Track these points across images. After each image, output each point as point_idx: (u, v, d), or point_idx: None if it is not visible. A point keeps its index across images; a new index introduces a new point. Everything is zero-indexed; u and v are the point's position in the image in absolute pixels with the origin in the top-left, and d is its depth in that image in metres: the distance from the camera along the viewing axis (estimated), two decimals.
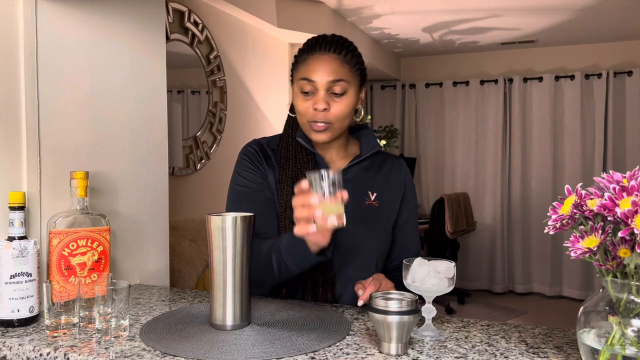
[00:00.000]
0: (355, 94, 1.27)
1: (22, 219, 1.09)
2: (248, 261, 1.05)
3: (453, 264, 1.02)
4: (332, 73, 1.23)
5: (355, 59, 1.28)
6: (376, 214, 1.32)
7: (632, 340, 0.74)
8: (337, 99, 1.24)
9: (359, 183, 1.33)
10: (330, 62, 1.24)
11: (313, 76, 1.23)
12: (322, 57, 1.25)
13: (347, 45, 1.28)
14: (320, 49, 1.26)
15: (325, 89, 1.23)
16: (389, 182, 1.37)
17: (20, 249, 1.07)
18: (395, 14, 4.35)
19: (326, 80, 1.23)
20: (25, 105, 1.20)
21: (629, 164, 5.15)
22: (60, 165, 1.27)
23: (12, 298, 1.07)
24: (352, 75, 1.26)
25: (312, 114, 1.24)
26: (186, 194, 3.09)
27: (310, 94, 1.25)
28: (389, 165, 1.39)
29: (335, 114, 1.24)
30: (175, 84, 2.99)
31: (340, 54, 1.25)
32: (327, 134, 1.26)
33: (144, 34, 1.54)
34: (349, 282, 1.28)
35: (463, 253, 5.56)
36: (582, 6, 4.10)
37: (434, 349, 0.94)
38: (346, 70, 1.24)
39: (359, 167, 1.35)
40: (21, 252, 1.07)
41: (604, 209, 0.74)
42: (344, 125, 1.28)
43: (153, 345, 0.95)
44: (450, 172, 5.83)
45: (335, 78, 1.23)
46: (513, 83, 5.58)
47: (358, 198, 1.31)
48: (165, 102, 1.63)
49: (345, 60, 1.25)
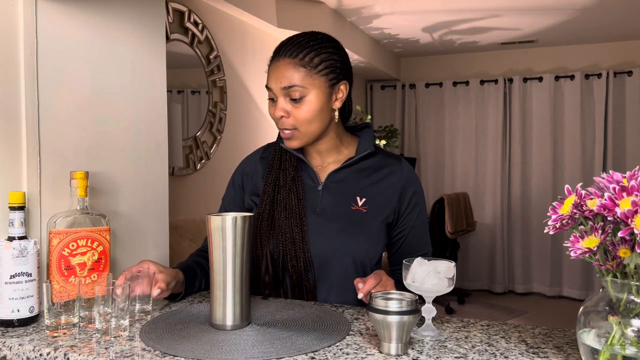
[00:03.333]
0: (320, 97, 1.21)
1: (22, 219, 1.09)
2: (248, 261, 1.05)
3: (453, 264, 1.02)
4: (283, 79, 1.20)
5: (317, 59, 1.21)
6: (363, 220, 1.27)
7: (632, 340, 0.74)
8: (295, 105, 1.21)
9: (348, 187, 1.30)
10: (283, 67, 1.20)
11: (269, 83, 1.23)
12: (277, 64, 1.22)
13: (309, 44, 1.22)
14: (277, 54, 1.24)
15: (282, 96, 1.21)
16: (381, 186, 1.31)
17: (20, 249, 1.07)
18: (395, 14, 4.35)
19: (279, 87, 1.20)
20: (25, 105, 1.20)
21: (629, 164, 5.15)
22: (60, 165, 1.27)
23: (12, 298, 1.07)
24: (310, 77, 1.20)
25: (277, 121, 1.25)
26: (186, 194, 3.09)
27: (274, 101, 1.24)
28: (388, 169, 1.33)
29: (296, 119, 1.21)
30: (175, 84, 2.99)
31: (295, 57, 1.20)
32: (295, 140, 1.25)
33: (144, 34, 1.54)
34: (332, 287, 1.27)
35: (463, 253, 5.56)
36: (582, 6, 4.10)
37: (434, 349, 0.94)
38: (301, 75, 1.19)
39: (351, 170, 1.31)
40: (21, 252, 1.07)
41: (604, 209, 0.74)
42: (313, 129, 1.24)
43: (153, 345, 0.95)
44: (450, 172, 5.83)
45: (287, 85, 1.20)
46: (513, 83, 5.58)
47: (345, 203, 1.28)
48: (165, 102, 1.63)
49: (302, 63, 1.20)
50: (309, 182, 1.31)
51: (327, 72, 1.22)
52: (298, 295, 1.27)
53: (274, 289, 1.29)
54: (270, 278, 1.27)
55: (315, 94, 1.21)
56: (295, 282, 1.26)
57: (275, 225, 1.28)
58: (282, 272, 1.27)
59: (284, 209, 1.27)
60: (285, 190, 1.29)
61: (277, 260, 1.27)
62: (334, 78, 1.24)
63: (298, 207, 1.27)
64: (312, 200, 1.29)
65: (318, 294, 1.27)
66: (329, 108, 1.25)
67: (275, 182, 1.31)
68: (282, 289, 1.29)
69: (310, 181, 1.31)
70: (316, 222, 1.27)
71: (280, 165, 1.32)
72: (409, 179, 1.34)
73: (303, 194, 1.28)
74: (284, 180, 1.30)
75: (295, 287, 1.27)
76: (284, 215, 1.27)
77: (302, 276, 1.25)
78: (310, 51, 1.21)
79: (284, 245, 1.26)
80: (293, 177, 1.30)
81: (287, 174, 1.30)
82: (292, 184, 1.29)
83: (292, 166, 1.31)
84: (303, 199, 1.28)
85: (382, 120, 6.03)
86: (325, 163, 1.33)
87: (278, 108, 1.22)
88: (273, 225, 1.28)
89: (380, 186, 1.31)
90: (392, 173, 1.33)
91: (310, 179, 1.31)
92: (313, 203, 1.29)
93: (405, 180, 1.33)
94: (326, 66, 1.22)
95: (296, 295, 1.27)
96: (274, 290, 1.29)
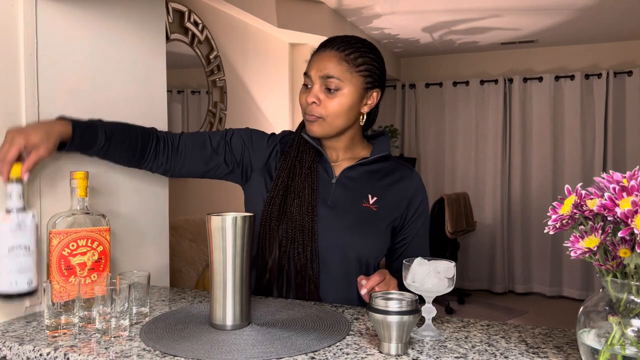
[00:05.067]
0: (353, 95, 1.26)
1: (21, 191, 1.07)
2: (248, 261, 1.05)
3: (453, 264, 1.02)
4: (324, 68, 1.25)
5: (361, 60, 1.26)
6: (372, 218, 1.30)
7: (632, 340, 0.74)
8: (329, 95, 1.25)
9: (361, 185, 1.32)
10: (328, 58, 1.26)
11: (309, 70, 1.28)
12: (322, 54, 1.27)
13: (356, 45, 1.27)
14: (324, 46, 1.29)
15: (319, 84, 1.26)
16: (394, 189, 1.34)
17: (19, 222, 1.05)
18: (395, 14, 4.35)
19: (318, 75, 1.26)
20: (25, 106, 1.20)
21: (629, 164, 5.15)
22: (60, 165, 1.27)
23: (10, 271, 1.05)
24: (349, 73, 1.25)
25: (306, 106, 1.28)
26: (186, 194, 3.09)
27: (309, 88, 1.28)
28: (399, 174, 1.36)
29: (326, 108, 1.26)
30: (175, 84, 2.99)
31: (342, 51, 1.25)
32: (318, 126, 1.28)
33: (144, 34, 1.54)
34: (334, 281, 1.27)
35: (463, 253, 5.56)
36: (582, 6, 4.10)
37: (434, 349, 0.94)
38: (343, 68, 1.24)
39: (364, 169, 1.34)
40: (19, 225, 1.05)
41: (604, 209, 0.74)
42: (339, 123, 1.28)
43: (153, 345, 0.95)
44: (450, 172, 5.83)
45: (327, 74, 1.24)
46: (513, 83, 5.58)
47: (356, 199, 1.31)
48: (165, 102, 1.63)
49: (346, 59, 1.25)
50: (323, 174, 1.34)
51: (365, 75, 1.27)
52: (300, 283, 1.27)
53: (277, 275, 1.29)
54: (275, 263, 1.28)
55: (349, 90, 1.26)
56: (299, 270, 1.27)
57: (286, 211, 1.29)
58: (287, 259, 1.28)
59: (297, 197, 1.29)
60: (300, 178, 1.31)
61: (285, 247, 1.28)
62: (370, 82, 1.29)
63: (311, 196, 1.29)
64: (325, 192, 1.31)
65: (320, 285, 1.27)
66: (358, 109, 1.30)
67: (291, 169, 1.33)
68: (285, 276, 1.29)
69: (325, 174, 1.34)
70: (327, 214, 1.29)
71: (298, 154, 1.34)
72: (419, 188, 1.37)
73: (317, 185, 1.31)
74: (300, 168, 1.33)
75: (298, 275, 1.27)
76: (296, 203, 1.29)
77: (307, 265, 1.26)
78: (356, 51, 1.27)
79: (293, 232, 1.28)
80: (310, 167, 1.32)
81: (303, 163, 1.33)
82: (308, 173, 1.32)
83: (310, 157, 1.34)
84: (317, 190, 1.30)
85: (382, 120, 6.03)
86: (340, 160, 1.36)
87: (312, 94, 1.26)
88: (284, 211, 1.29)
89: (392, 189, 1.34)
90: (404, 179, 1.36)
91: (325, 172, 1.34)
92: (325, 195, 1.31)
93: (415, 188, 1.36)
94: (366, 69, 1.27)
95: (298, 283, 1.27)
96: (278, 277, 1.29)
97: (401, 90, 6.04)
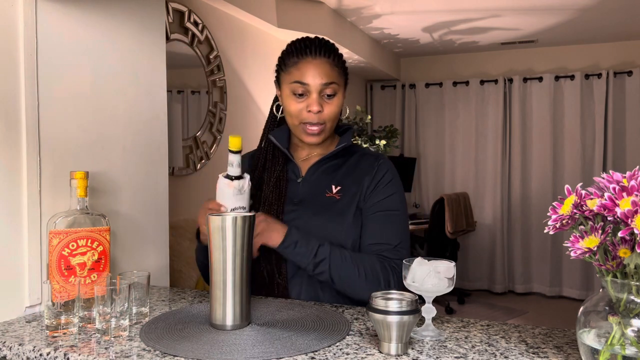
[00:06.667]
0: (342, 95, 1.34)
1: (239, 160, 1.21)
2: (248, 261, 1.05)
3: (453, 264, 1.02)
4: (324, 76, 1.29)
5: (341, 62, 1.35)
6: (335, 206, 1.32)
7: (632, 340, 0.74)
8: (328, 101, 1.31)
9: (325, 178, 1.36)
10: (322, 65, 1.30)
11: (306, 79, 1.29)
12: (315, 61, 1.30)
13: (335, 49, 1.35)
14: (311, 53, 1.31)
15: (318, 92, 1.29)
16: (355, 173, 1.35)
17: (239, 187, 1.21)
18: (395, 14, 4.35)
19: (319, 83, 1.29)
20: (25, 105, 1.20)
21: (629, 164, 5.15)
22: (60, 165, 1.27)
23: None
24: (340, 77, 1.33)
25: (306, 116, 1.30)
26: (186, 194, 3.09)
27: (303, 97, 1.30)
28: (365, 162, 1.36)
29: (327, 114, 1.31)
30: (175, 84, 2.99)
31: (332, 59, 1.32)
32: (320, 136, 1.33)
33: (144, 34, 1.54)
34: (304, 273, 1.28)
35: (463, 253, 5.56)
36: (582, 6, 4.10)
37: (434, 349, 0.94)
38: (336, 73, 1.31)
39: (331, 163, 1.37)
40: (239, 190, 1.21)
41: (604, 209, 0.74)
42: (333, 125, 1.35)
43: (153, 345, 0.95)
44: (450, 172, 5.83)
45: (328, 81, 1.29)
46: (513, 83, 5.58)
47: (319, 192, 1.34)
48: (165, 102, 1.63)
49: (336, 64, 1.32)
50: (291, 176, 1.38)
51: (345, 75, 1.37)
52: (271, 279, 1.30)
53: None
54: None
55: (341, 93, 1.34)
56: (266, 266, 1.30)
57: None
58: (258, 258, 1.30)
59: (263, 204, 1.34)
60: (268, 188, 1.36)
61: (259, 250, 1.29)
62: (347, 81, 1.39)
63: (278, 200, 1.34)
64: (292, 192, 1.36)
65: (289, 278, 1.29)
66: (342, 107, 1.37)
67: (259, 182, 1.38)
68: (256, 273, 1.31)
69: (293, 175, 1.38)
70: (292, 210, 1.33)
71: (265, 164, 1.40)
72: (381, 166, 1.35)
73: (285, 190, 1.36)
74: (268, 178, 1.38)
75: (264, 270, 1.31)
76: (265, 209, 1.33)
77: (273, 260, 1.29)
78: (337, 55, 1.35)
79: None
80: (278, 176, 1.37)
81: (271, 173, 1.38)
82: (275, 182, 1.36)
83: (279, 165, 1.38)
84: (285, 194, 1.35)
85: (382, 120, 6.03)
86: (311, 156, 1.40)
87: (314, 103, 1.29)
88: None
89: (353, 174, 1.36)
90: (368, 165, 1.36)
91: (293, 174, 1.39)
92: (292, 195, 1.35)
93: (377, 167, 1.35)
94: (344, 70, 1.37)
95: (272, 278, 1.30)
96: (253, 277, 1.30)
97: (401, 90, 6.04)
